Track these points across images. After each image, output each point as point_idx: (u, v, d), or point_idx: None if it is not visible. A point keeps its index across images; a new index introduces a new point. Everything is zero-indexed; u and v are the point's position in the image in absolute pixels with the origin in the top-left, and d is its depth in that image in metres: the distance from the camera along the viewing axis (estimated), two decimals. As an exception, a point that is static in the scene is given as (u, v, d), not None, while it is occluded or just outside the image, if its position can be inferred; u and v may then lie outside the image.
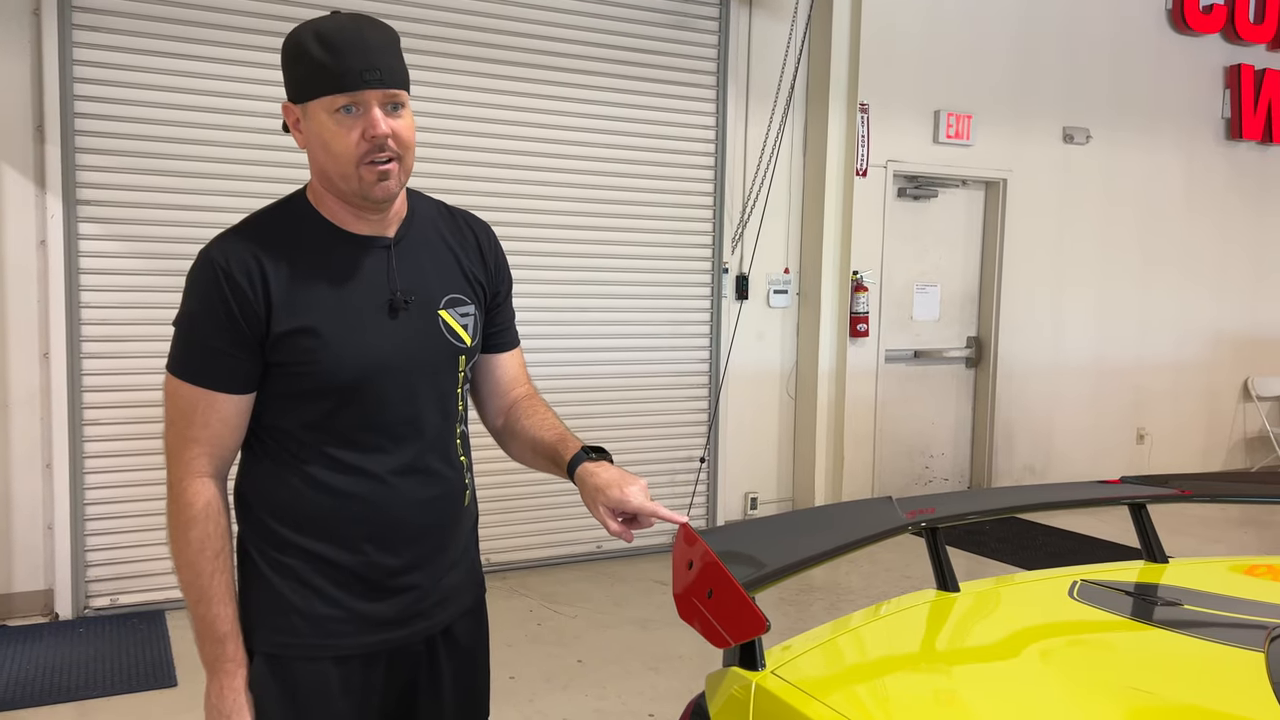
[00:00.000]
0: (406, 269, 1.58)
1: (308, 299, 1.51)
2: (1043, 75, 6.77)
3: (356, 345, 1.52)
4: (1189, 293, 7.63)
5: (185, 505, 1.50)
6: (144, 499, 4.52)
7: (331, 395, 1.52)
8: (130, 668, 3.94)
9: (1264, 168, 7.86)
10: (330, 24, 1.48)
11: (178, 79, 4.46)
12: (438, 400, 1.62)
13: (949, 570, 1.75)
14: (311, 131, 1.50)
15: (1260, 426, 8.09)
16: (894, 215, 6.38)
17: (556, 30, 5.24)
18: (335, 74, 1.45)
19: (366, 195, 1.51)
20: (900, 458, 6.71)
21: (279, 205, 1.60)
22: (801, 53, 5.98)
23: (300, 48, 1.48)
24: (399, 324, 1.56)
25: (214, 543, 1.50)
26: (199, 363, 1.50)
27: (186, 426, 1.51)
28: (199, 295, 1.52)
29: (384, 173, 1.49)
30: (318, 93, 1.47)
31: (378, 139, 1.46)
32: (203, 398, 1.50)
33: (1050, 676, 1.42)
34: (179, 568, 1.52)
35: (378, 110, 1.47)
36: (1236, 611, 1.66)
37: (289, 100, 1.52)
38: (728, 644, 1.37)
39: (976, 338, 6.95)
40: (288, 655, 1.55)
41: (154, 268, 4.49)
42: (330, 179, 1.52)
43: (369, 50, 1.46)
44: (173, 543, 1.53)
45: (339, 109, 1.46)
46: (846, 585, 5.10)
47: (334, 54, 1.45)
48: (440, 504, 1.63)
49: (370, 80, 1.45)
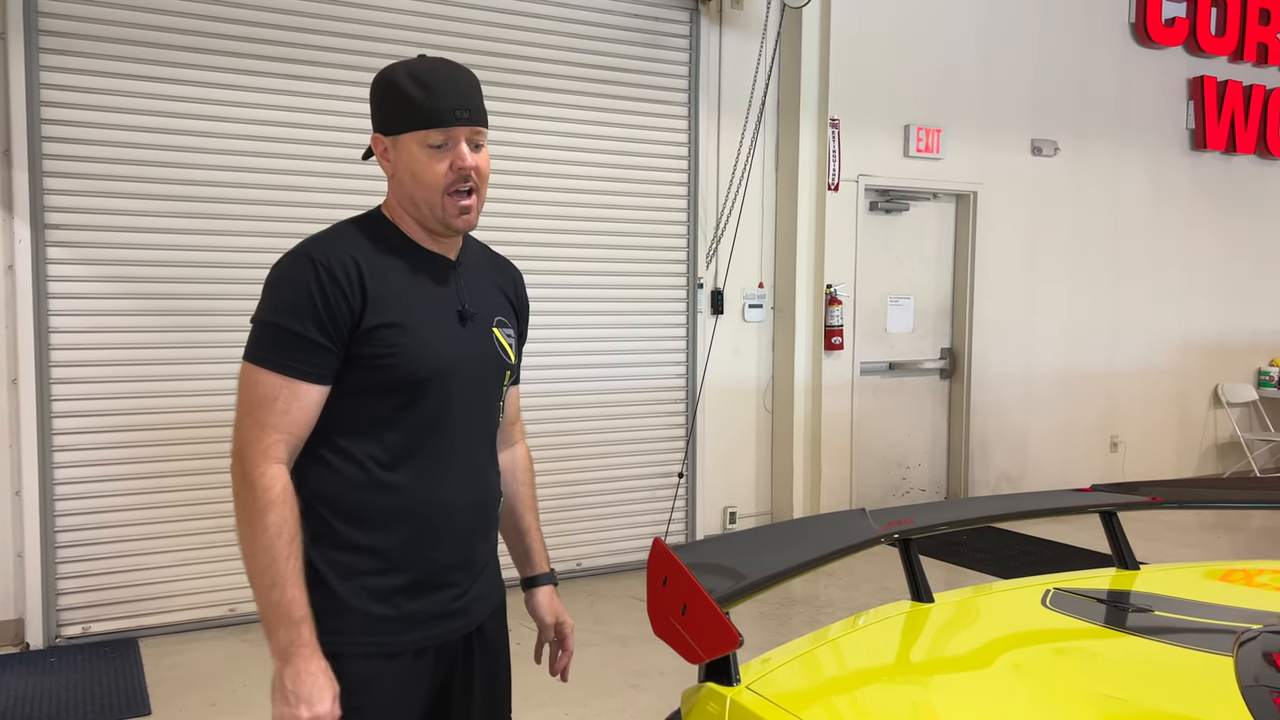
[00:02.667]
0: (469, 287, 1.75)
1: (395, 298, 1.63)
2: (1010, 89, 6.86)
3: (434, 344, 1.65)
4: (1158, 301, 7.73)
5: (262, 490, 1.54)
6: (116, 525, 4.47)
7: (406, 389, 1.63)
8: (103, 697, 3.88)
9: (1228, 177, 7.98)
10: (422, 66, 1.65)
11: (146, 101, 4.44)
12: (486, 408, 1.76)
13: (923, 581, 1.76)
14: (401, 161, 1.65)
15: (1231, 432, 8.19)
16: (866, 229, 6.43)
17: (527, 49, 5.26)
18: (429, 111, 1.61)
19: (448, 224, 1.67)
20: (877, 469, 6.74)
21: (363, 218, 1.71)
22: (772, 69, 6.03)
23: (395, 86, 1.63)
24: (466, 333, 1.71)
25: (289, 527, 1.54)
26: (286, 352, 1.57)
27: (266, 414, 1.57)
28: (294, 288, 1.58)
29: (465, 206, 1.65)
30: (411, 127, 1.62)
31: (464, 171, 1.63)
32: (286, 386, 1.57)
33: (1024, 685, 1.42)
34: (254, 554, 1.54)
35: (465, 146, 1.63)
36: (1206, 617, 1.68)
37: (379, 132, 1.67)
38: (701, 659, 1.37)
39: (950, 349, 7.01)
40: (344, 653, 1.59)
41: (124, 291, 4.45)
42: (416, 204, 1.66)
43: (459, 91, 1.63)
44: (247, 529, 1.55)
45: (431, 144, 1.62)
46: (826, 598, 5.10)
47: (428, 93, 1.61)
48: (485, 505, 1.77)
49: (461, 118, 1.62)
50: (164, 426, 4.55)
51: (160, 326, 4.53)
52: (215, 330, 4.62)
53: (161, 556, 4.56)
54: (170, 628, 4.58)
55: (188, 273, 4.57)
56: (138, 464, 4.51)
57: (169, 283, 4.54)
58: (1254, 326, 8.30)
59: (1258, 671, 1.36)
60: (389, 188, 1.70)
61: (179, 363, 4.57)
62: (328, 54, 4.78)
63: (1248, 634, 1.50)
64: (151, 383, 4.52)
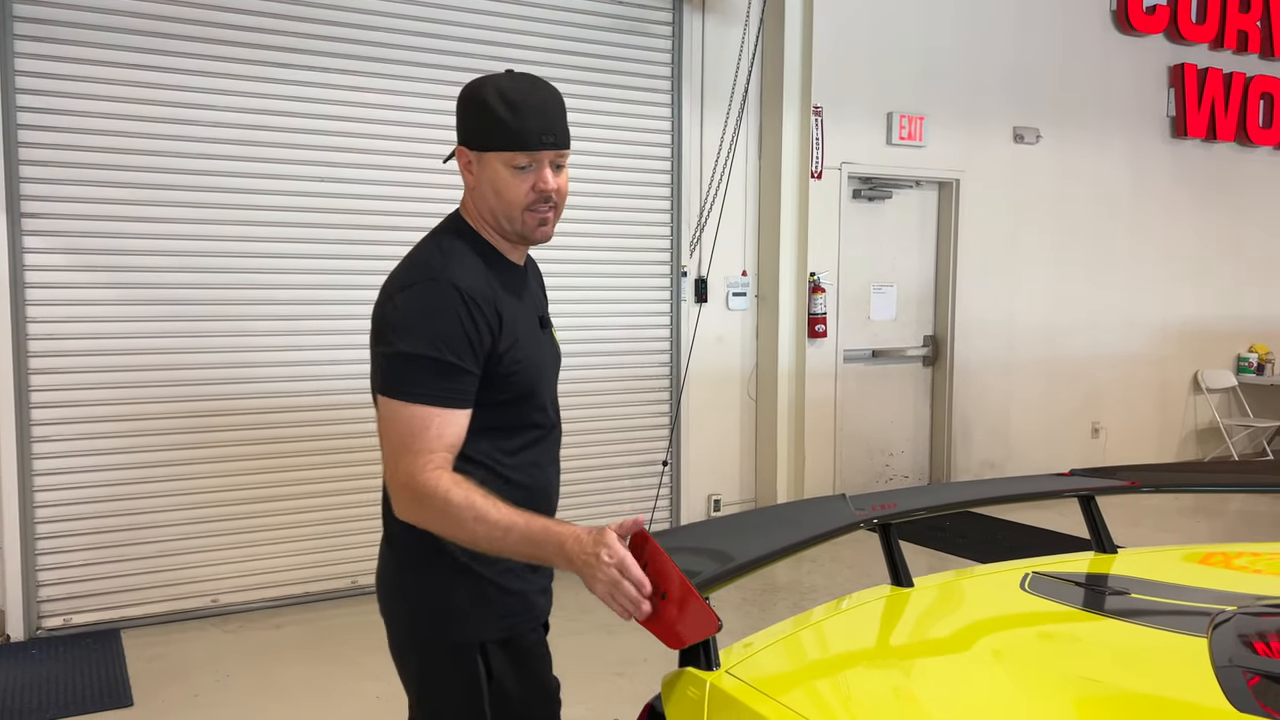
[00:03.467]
0: (534, 292, 1.89)
1: (513, 316, 1.73)
2: (993, 76, 6.87)
3: (535, 354, 1.79)
4: (1139, 288, 7.77)
5: (432, 489, 1.57)
6: (97, 516, 4.45)
7: (524, 397, 1.76)
8: (85, 688, 3.86)
9: (1208, 165, 8.03)
10: (511, 84, 1.69)
11: (124, 89, 4.39)
12: (557, 399, 1.92)
13: (903, 566, 1.77)
14: (484, 177, 1.72)
15: (1210, 418, 8.26)
16: (849, 217, 6.44)
17: (509, 36, 5.23)
18: (517, 134, 1.66)
19: (527, 237, 1.76)
20: (861, 456, 6.77)
21: (462, 233, 1.77)
22: (755, 56, 6.02)
23: (484, 104, 1.68)
24: (545, 337, 1.86)
25: (476, 489, 1.58)
26: (439, 383, 1.63)
27: (422, 442, 1.61)
28: (444, 319, 1.64)
29: (544, 219, 1.74)
30: (498, 147, 1.68)
31: (546, 193, 1.70)
32: (438, 414, 1.62)
33: (1001, 667, 1.43)
34: (475, 538, 1.57)
35: (548, 169, 1.70)
36: (1182, 599, 1.69)
37: (464, 145, 1.74)
38: (681, 644, 1.38)
39: (933, 336, 7.03)
40: (514, 634, 1.76)
41: (103, 280, 4.42)
42: (496, 218, 1.75)
43: (546, 115, 1.69)
44: (455, 528, 1.57)
45: (518, 166, 1.68)
46: (809, 584, 5.12)
47: (517, 115, 1.66)
48: (557, 486, 1.94)
49: (547, 143, 1.68)
50: (145, 417, 4.52)
51: (139, 316, 4.50)
52: (195, 319, 4.59)
53: (143, 547, 4.54)
54: (153, 619, 4.56)
55: (167, 262, 4.53)
56: (118, 454, 4.48)
57: (148, 272, 4.50)
58: (1233, 313, 8.37)
59: (1231, 652, 1.38)
60: (469, 196, 1.78)
61: (159, 352, 4.54)
62: (305, 41, 4.74)
63: (1222, 615, 1.52)
64: (131, 372, 4.49)
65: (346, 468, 4.94)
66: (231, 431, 4.68)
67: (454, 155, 1.79)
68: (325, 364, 4.88)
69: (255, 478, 4.75)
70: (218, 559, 4.69)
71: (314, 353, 4.85)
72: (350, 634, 4.49)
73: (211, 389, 4.64)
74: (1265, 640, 1.49)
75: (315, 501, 4.89)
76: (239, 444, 4.71)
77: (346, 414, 4.94)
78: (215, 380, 4.64)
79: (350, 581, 4.98)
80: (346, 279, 4.89)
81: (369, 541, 5.01)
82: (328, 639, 4.43)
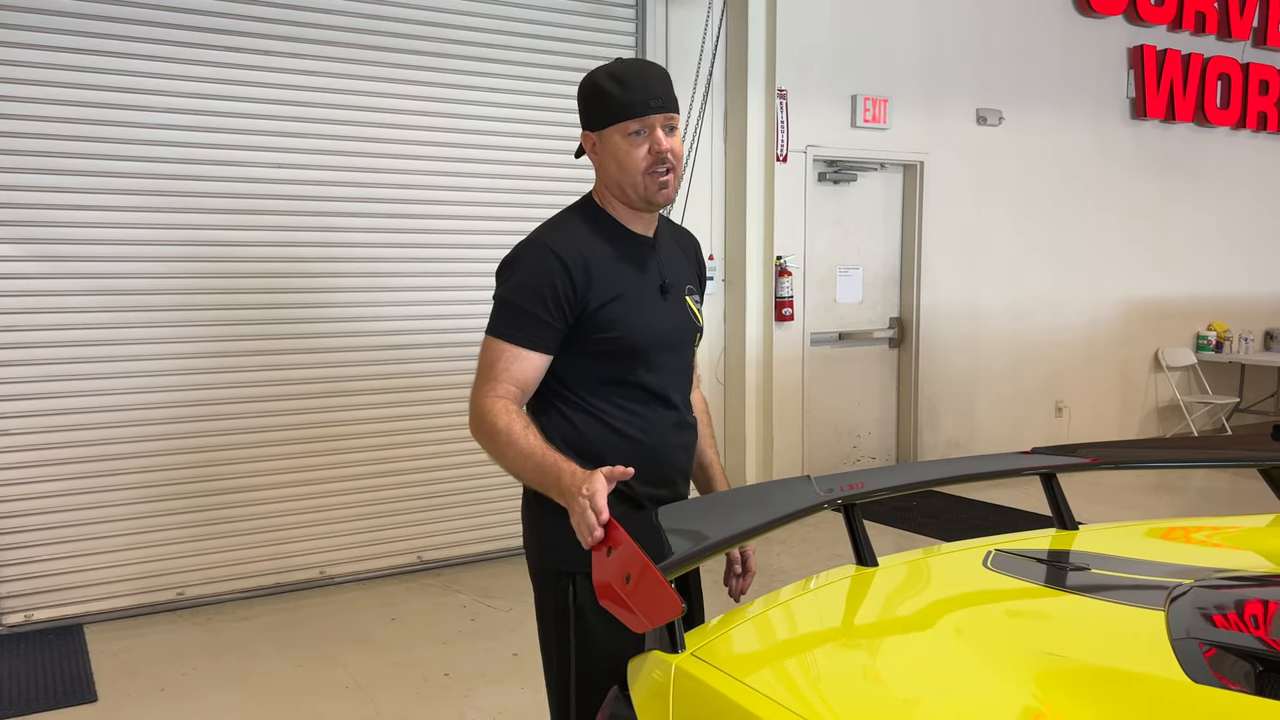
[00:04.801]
0: (665, 262, 2.03)
1: (616, 278, 1.92)
2: (955, 58, 6.90)
3: (648, 315, 1.95)
4: (1100, 268, 7.87)
5: (486, 410, 1.81)
6: (58, 510, 4.38)
7: (626, 354, 1.93)
8: (48, 685, 3.81)
9: (1167, 145, 8.13)
10: (619, 66, 1.92)
11: (87, 75, 4.30)
12: (684, 366, 2.07)
13: (867, 545, 1.78)
14: (606, 152, 1.92)
15: (1171, 395, 8.39)
16: (815, 200, 6.45)
17: (469, 19, 5.18)
18: (627, 104, 1.87)
19: (650, 200, 1.93)
20: (829, 438, 6.81)
21: (580, 206, 2.01)
22: (719, 40, 6.00)
23: (598, 86, 1.90)
24: (668, 304, 2.00)
25: (519, 419, 1.80)
26: (513, 325, 1.87)
27: (491, 371, 1.86)
28: (531, 272, 1.88)
29: (664, 182, 1.91)
30: (613, 120, 1.89)
31: (661, 153, 1.89)
32: (509, 350, 1.86)
33: (965, 645, 1.45)
34: (507, 457, 1.78)
35: (660, 131, 1.89)
36: (1141, 574, 1.72)
37: (586, 129, 1.95)
38: (645, 627, 1.38)
39: (899, 318, 7.08)
40: (579, 572, 1.88)
41: (63, 272, 4.34)
42: (622, 188, 1.94)
43: (650, 84, 1.89)
44: (494, 448, 1.80)
45: (631, 133, 1.88)
46: (778, 566, 5.16)
47: (625, 89, 1.87)
48: (688, 449, 2.09)
49: (655, 107, 1.88)
50: (106, 409, 4.46)
51: (101, 307, 4.42)
52: (156, 310, 4.53)
53: (106, 541, 4.48)
54: (117, 613, 4.51)
55: (128, 251, 4.46)
56: (79, 448, 4.41)
57: (108, 261, 4.42)
58: (1192, 293, 8.49)
59: (1188, 624, 1.40)
60: (597, 177, 1.98)
61: (120, 343, 4.47)
62: (270, 26, 4.66)
63: (1179, 589, 1.54)
64: (92, 364, 4.42)
65: (314, 457, 4.91)
66: (195, 423, 4.63)
67: (581, 150, 2.00)
68: (291, 353, 4.83)
69: (221, 468, 4.70)
70: (184, 551, 4.64)
71: (278, 342, 4.80)
72: (320, 624, 4.47)
73: (174, 380, 4.58)
74: (1221, 612, 1.52)
75: (284, 492, 4.85)
76: (203, 435, 4.65)
77: (313, 403, 4.90)
78: (178, 371, 4.58)
79: (319, 572, 4.95)
80: (311, 266, 4.84)
81: (338, 531, 4.99)
82: (298, 630, 4.41)
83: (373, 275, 5.01)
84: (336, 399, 4.95)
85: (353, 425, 4.99)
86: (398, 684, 3.83)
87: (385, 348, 5.05)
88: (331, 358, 4.92)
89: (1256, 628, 1.45)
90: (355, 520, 5.01)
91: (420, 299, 5.10)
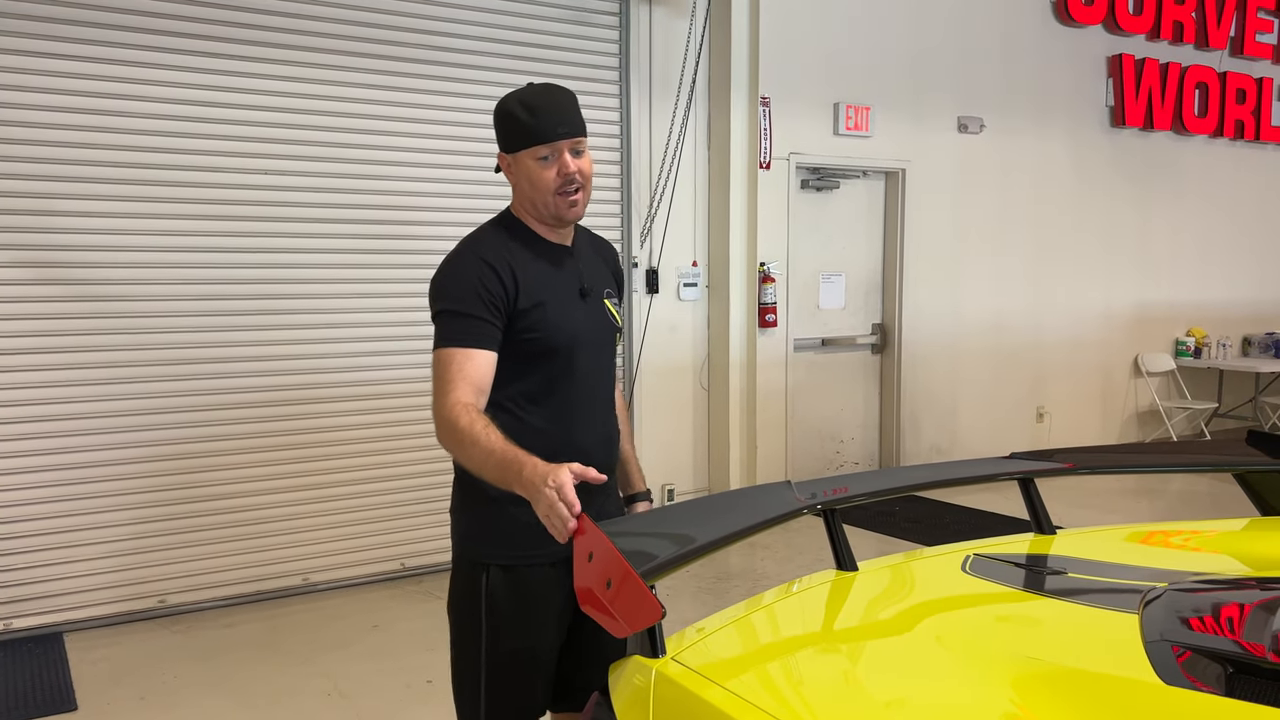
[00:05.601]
0: (584, 268, 2.14)
1: (538, 282, 2.02)
2: (937, 67, 6.95)
3: (569, 316, 2.05)
4: (1080, 274, 7.93)
5: (446, 416, 1.87)
6: (37, 518, 4.35)
7: (548, 354, 2.02)
8: (27, 694, 3.78)
9: (1146, 153, 8.21)
10: (529, 94, 2.04)
11: (58, 80, 4.29)
12: (605, 365, 2.16)
13: (846, 550, 1.79)
14: (520, 173, 2.05)
15: (1151, 401, 8.46)
16: (798, 207, 6.49)
17: (454, 26, 5.19)
18: (536, 131, 2.00)
19: (561, 216, 2.06)
20: (812, 444, 6.84)
21: (498, 221, 2.12)
22: (702, 47, 6.03)
23: (509, 113, 2.03)
24: (587, 306, 2.10)
25: (480, 419, 1.84)
26: (459, 330, 1.94)
27: (446, 375, 1.92)
28: (462, 279, 1.98)
29: (573, 201, 2.05)
30: (524, 145, 2.02)
31: (569, 175, 2.02)
32: (457, 355, 1.93)
33: (944, 649, 1.46)
34: (470, 456, 1.83)
35: (568, 154, 2.02)
36: (1117, 577, 1.74)
37: (501, 151, 2.07)
38: (626, 633, 1.39)
39: (881, 324, 7.12)
40: (519, 564, 2.01)
41: (41, 277, 4.31)
42: (535, 206, 2.06)
43: (558, 111, 2.02)
44: (458, 450, 1.86)
45: (540, 157, 2.01)
46: (762, 570, 5.17)
47: (535, 116, 2.00)
48: (610, 444, 2.18)
49: (562, 133, 2.01)
50: (86, 415, 4.43)
51: (82, 313, 4.40)
52: (139, 315, 4.51)
53: (86, 549, 4.45)
54: (97, 621, 4.48)
55: (108, 257, 4.44)
56: (59, 454, 4.38)
57: (88, 268, 4.40)
58: (1171, 298, 8.57)
59: (1162, 627, 1.42)
60: (514, 194, 2.10)
61: (101, 349, 4.44)
62: (245, 30, 4.66)
63: (1153, 592, 1.56)
64: (72, 370, 4.40)
65: (297, 464, 4.89)
66: (177, 429, 4.61)
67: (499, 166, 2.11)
68: (276, 359, 4.81)
69: (203, 475, 4.68)
70: (165, 559, 4.62)
71: (263, 348, 4.78)
72: (303, 632, 4.45)
73: (155, 386, 4.56)
74: (1195, 615, 1.53)
75: (266, 499, 4.83)
76: (185, 442, 4.63)
77: (297, 409, 4.88)
78: (159, 378, 4.56)
79: (302, 579, 4.93)
80: (296, 273, 4.83)
81: (321, 539, 4.97)
82: (280, 637, 4.39)
83: (359, 282, 5.00)
84: (320, 406, 4.93)
85: (336, 432, 4.98)
86: (381, 691, 3.83)
87: (369, 354, 5.05)
88: (315, 364, 4.91)
89: (1229, 630, 1.47)
90: (338, 527, 5.00)
91: (406, 305, 5.10)
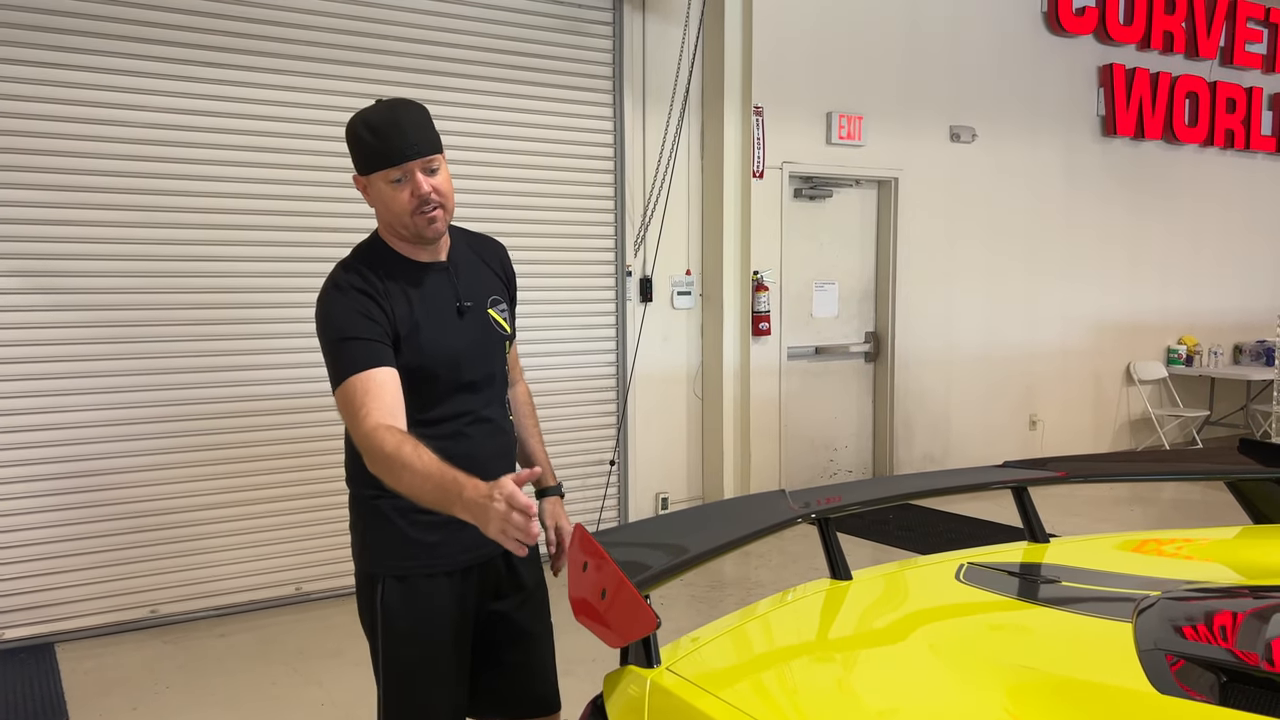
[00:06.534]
0: (462, 282, 2.10)
1: (409, 310, 2.00)
2: (929, 76, 6.98)
3: (443, 339, 2.02)
4: (1072, 283, 7.96)
5: (375, 440, 1.81)
6: (28, 528, 4.33)
7: (428, 375, 2.00)
8: (18, 705, 3.76)
9: (1137, 162, 8.25)
10: (374, 115, 1.97)
11: (48, 89, 4.28)
12: (493, 375, 2.13)
13: (840, 559, 1.79)
14: (375, 195, 2.00)
15: (1143, 409, 8.49)
16: (791, 215, 6.50)
17: (447, 35, 5.20)
18: (385, 154, 1.94)
19: (422, 235, 2.01)
20: (805, 452, 6.84)
21: (366, 247, 2.08)
22: (695, 56, 6.05)
23: (356, 135, 1.97)
24: (465, 322, 2.07)
25: (407, 440, 1.80)
26: (351, 358, 1.91)
27: (352, 407, 1.87)
28: (341, 307, 1.95)
29: (432, 218, 1.99)
30: (375, 168, 1.96)
31: (423, 195, 1.96)
32: (358, 380, 1.89)
33: (938, 657, 1.46)
34: (405, 481, 1.78)
35: (420, 175, 1.96)
36: (1111, 586, 1.74)
37: (356, 173, 2.02)
38: (620, 643, 1.39)
39: (874, 333, 7.13)
40: (412, 575, 2.03)
41: (33, 286, 4.30)
42: (394, 227, 2.02)
43: (405, 131, 1.94)
44: (389, 474, 1.81)
45: (393, 180, 1.96)
46: (756, 579, 5.17)
47: (381, 139, 1.94)
48: (504, 454, 2.16)
49: (410, 154, 1.94)
50: (77, 425, 4.42)
51: (71, 323, 4.39)
52: (129, 325, 4.50)
53: (78, 559, 4.43)
54: (89, 631, 4.46)
55: (100, 266, 4.43)
56: (50, 464, 4.37)
57: (80, 277, 4.39)
58: (1163, 306, 8.60)
59: (1155, 636, 1.42)
60: (376, 216, 2.06)
61: (92, 359, 4.43)
62: (238, 40, 4.66)
63: (1146, 601, 1.56)
64: (62, 380, 4.38)
65: (290, 474, 4.88)
66: (168, 439, 4.59)
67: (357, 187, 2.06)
68: (265, 369, 4.80)
69: (194, 485, 4.66)
70: (156, 569, 4.60)
71: (252, 357, 4.78)
72: (295, 641, 4.43)
73: (146, 395, 4.54)
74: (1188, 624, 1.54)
75: (258, 509, 4.82)
76: (177, 451, 4.62)
77: (288, 419, 4.87)
78: (150, 387, 4.55)
79: (294, 588, 4.91)
80: (289, 281, 4.83)
81: (312, 548, 4.96)
82: (272, 647, 4.37)
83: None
84: (310, 415, 4.92)
85: (326, 441, 4.96)
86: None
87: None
88: (305, 374, 4.89)
89: (1223, 639, 1.47)
90: (330, 536, 4.98)
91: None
